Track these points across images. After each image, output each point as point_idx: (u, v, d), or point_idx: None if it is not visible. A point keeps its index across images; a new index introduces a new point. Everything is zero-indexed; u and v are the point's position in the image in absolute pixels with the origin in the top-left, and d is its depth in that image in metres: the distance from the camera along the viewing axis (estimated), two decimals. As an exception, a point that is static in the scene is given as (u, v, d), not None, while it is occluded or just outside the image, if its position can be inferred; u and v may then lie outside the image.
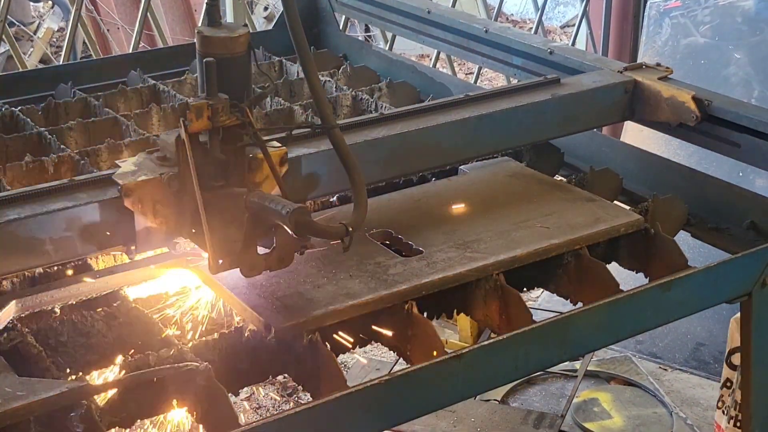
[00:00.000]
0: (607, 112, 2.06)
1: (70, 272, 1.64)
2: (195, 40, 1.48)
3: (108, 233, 1.50)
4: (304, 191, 1.68)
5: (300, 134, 1.68)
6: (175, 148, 1.45)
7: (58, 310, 1.56)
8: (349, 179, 1.51)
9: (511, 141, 1.98)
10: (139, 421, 1.40)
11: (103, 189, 1.50)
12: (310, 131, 1.69)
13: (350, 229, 1.45)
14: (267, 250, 1.47)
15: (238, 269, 1.47)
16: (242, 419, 1.84)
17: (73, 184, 1.51)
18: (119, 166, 1.50)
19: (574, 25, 5.53)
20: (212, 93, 1.42)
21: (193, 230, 1.48)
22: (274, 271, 1.58)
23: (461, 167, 2.00)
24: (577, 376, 3.57)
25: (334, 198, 1.88)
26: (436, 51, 4.31)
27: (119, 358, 1.53)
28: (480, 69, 4.79)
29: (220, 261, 1.45)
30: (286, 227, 1.40)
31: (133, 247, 1.52)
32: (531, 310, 1.61)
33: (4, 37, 3.47)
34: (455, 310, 1.70)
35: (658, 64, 2.13)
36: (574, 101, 1.99)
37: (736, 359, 2.84)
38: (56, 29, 7.03)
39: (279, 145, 1.53)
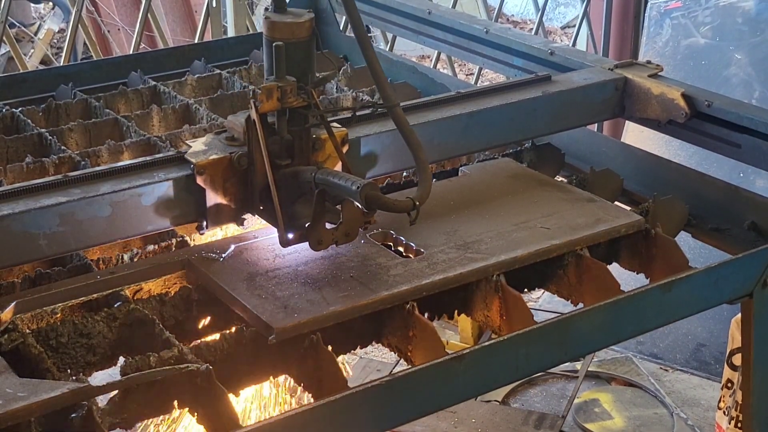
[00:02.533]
0: (597, 109, 2.08)
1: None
2: (262, 26, 1.56)
3: (180, 210, 1.58)
4: (362, 170, 1.75)
5: (341, 119, 1.73)
6: (243, 129, 1.53)
7: (58, 311, 1.56)
8: (413, 155, 1.58)
9: (502, 138, 1.99)
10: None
11: (179, 167, 1.58)
12: (372, 111, 1.75)
13: (417, 203, 1.50)
14: (333, 225, 1.53)
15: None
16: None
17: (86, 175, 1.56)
18: (189, 146, 1.59)
19: (574, 25, 5.53)
20: (281, 75, 1.51)
21: (261, 207, 1.57)
22: (274, 271, 1.58)
23: (462, 168, 2.00)
24: (578, 377, 3.57)
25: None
26: (436, 52, 4.31)
27: (120, 359, 1.53)
28: (480, 70, 4.80)
29: (290, 236, 1.53)
30: (355, 202, 1.47)
31: (204, 223, 1.59)
32: (532, 310, 1.61)
33: (4, 38, 3.47)
34: (456, 311, 1.70)
35: (649, 62, 2.15)
36: (564, 98, 2.01)
37: (737, 360, 2.84)
38: (57, 30, 7.04)
39: (339, 126, 1.62)
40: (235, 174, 1.57)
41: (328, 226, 1.53)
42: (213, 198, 1.58)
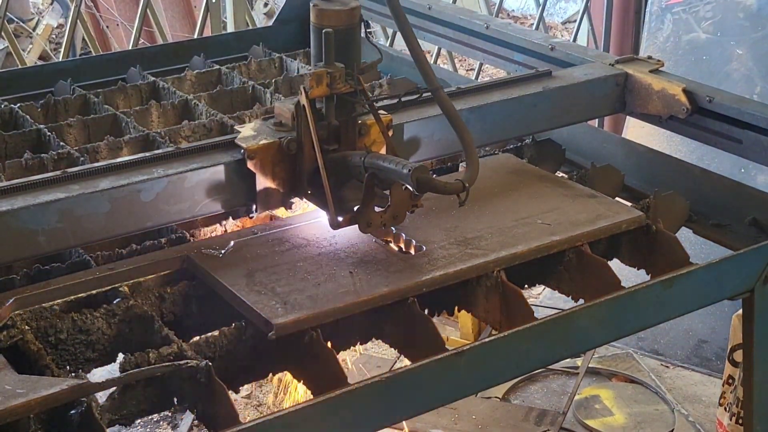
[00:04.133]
0: (598, 105, 2.08)
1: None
2: (310, 13, 1.60)
3: (231, 194, 1.61)
4: (405, 156, 1.77)
5: (388, 105, 1.75)
6: (291, 114, 1.57)
7: (57, 308, 1.55)
8: (459, 137, 1.60)
9: (503, 133, 2.00)
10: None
11: (229, 152, 1.62)
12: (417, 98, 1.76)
13: (467, 184, 1.52)
14: (381, 209, 1.56)
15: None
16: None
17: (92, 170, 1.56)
18: (239, 132, 1.63)
19: (575, 21, 5.52)
20: (330, 61, 1.55)
21: (309, 191, 1.60)
22: (273, 267, 1.57)
23: (462, 164, 2.00)
24: (578, 373, 3.56)
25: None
26: (437, 47, 4.30)
27: (119, 356, 1.53)
28: (481, 65, 4.78)
29: (340, 218, 1.56)
30: (407, 185, 1.50)
31: (254, 207, 1.63)
32: (532, 307, 1.60)
33: (3, 33, 3.46)
34: (456, 307, 1.69)
35: (650, 57, 2.15)
36: (565, 94, 2.01)
37: (738, 356, 2.84)
38: (55, 26, 7.02)
39: (384, 112, 1.66)
40: (284, 158, 1.60)
41: (376, 209, 1.57)
42: (262, 182, 1.62)
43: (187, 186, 1.59)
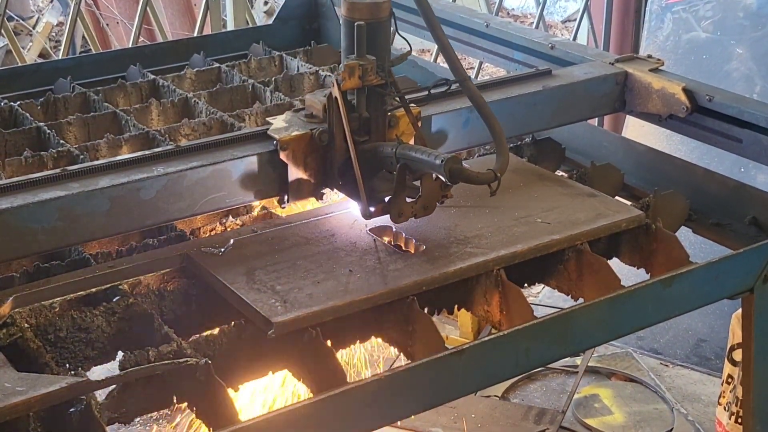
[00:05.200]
0: (598, 104, 2.08)
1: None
2: (341, 6, 1.61)
3: (264, 184, 1.63)
4: (433, 147, 1.77)
5: (418, 97, 1.75)
6: (322, 106, 1.60)
7: (57, 306, 1.55)
8: (488, 127, 1.62)
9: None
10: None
11: (263, 142, 1.64)
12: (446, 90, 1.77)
13: (498, 174, 1.55)
14: (411, 199, 1.58)
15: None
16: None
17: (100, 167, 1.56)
18: (271, 124, 1.65)
19: (575, 19, 5.52)
20: (361, 54, 1.58)
21: (340, 182, 1.63)
22: (273, 266, 1.57)
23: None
24: (577, 372, 3.56)
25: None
26: (436, 45, 4.30)
27: (119, 354, 1.53)
28: (481, 64, 4.78)
29: (372, 209, 1.58)
30: (439, 175, 1.52)
31: (285, 197, 1.65)
32: (532, 305, 1.60)
33: (2, 31, 3.46)
34: (456, 306, 1.69)
35: (649, 56, 2.15)
36: (565, 93, 2.01)
37: (738, 355, 2.84)
38: (55, 24, 7.02)
39: (413, 105, 1.67)
40: (315, 150, 1.62)
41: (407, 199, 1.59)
42: (294, 173, 1.63)
43: (187, 184, 1.58)
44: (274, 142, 1.62)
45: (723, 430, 3.01)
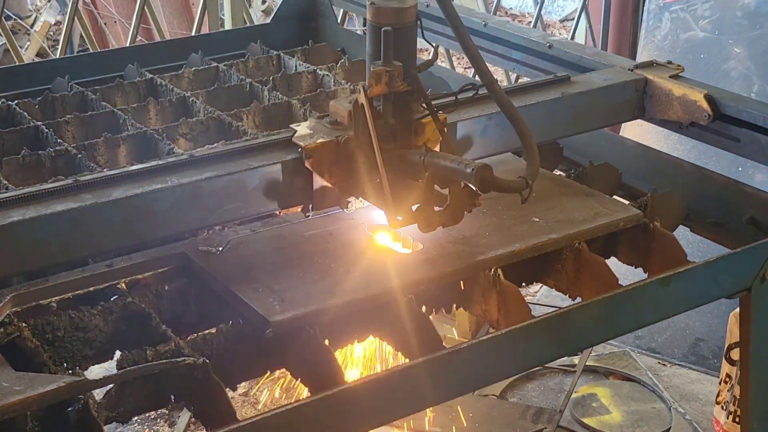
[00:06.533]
0: (617, 111, 2.03)
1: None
2: (366, 11, 1.58)
3: (287, 193, 1.59)
4: (459, 154, 1.73)
5: (444, 103, 1.71)
6: (347, 113, 1.56)
7: (54, 305, 1.55)
8: (517, 132, 1.57)
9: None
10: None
11: (286, 150, 1.59)
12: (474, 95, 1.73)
13: (529, 181, 1.50)
14: (439, 208, 1.54)
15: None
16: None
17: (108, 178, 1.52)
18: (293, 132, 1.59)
19: (573, 19, 5.52)
20: (388, 60, 1.53)
21: (366, 190, 1.58)
22: (270, 265, 1.57)
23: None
24: (575, 372, 3.57)
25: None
26: (434, 45, 4.29)
27: (117, 353, 1.52)
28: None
29: (399, 218, 1.53)
30: (469, 184, 1.48)
31: (310, 206, 1.62)
32: (529, 305, 1.60)
33: (0, 30, 3.46)
34: (454, 305, 1.69)
35: (669, 62, 2.08)
36: (584, 100, 1.95)
37: (735, 354, 2.84)
38: (53, 23, 7.01)
39: (439, 111, 1.63)
40: (341, 157, 1.58)
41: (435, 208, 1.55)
42: (319, 181, 1.59)
43: (202, 194, 1.53)
44: (299, 149, 1.57)
45: (721, 429, 3.01)
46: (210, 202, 1.54)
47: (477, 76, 1.60)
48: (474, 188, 1.49)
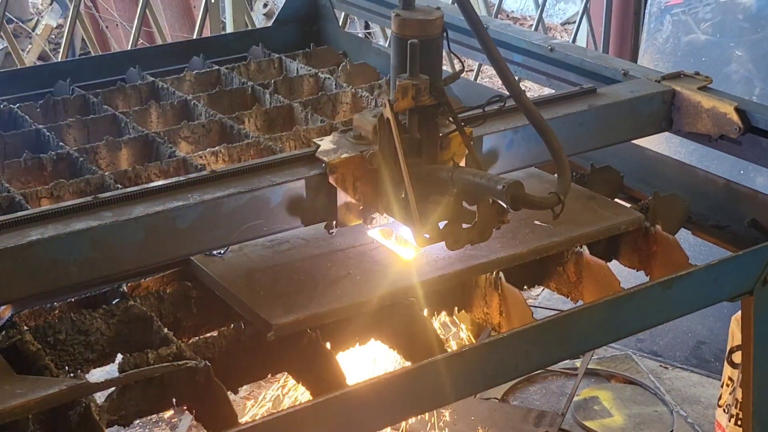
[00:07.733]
0: (644, 123, 1.98)
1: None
2: (391, 23, 1.54)
3: (311, 209, 1.55)
4: (485, 168, 1.70)
5: (471, 116, 1.66)
6: (372, 127, 1.51)
7: (56, 308, 1.55)
8: (547, 145, 1.52)
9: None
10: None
11: (309, 166, 1.55)
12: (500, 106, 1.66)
13: (562, 197, 1.46)
14: (467, 225, 1.50)
15: None
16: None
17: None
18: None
19: (574, 22, 5.53)
20: (414, 73, 1.49)
21: (391, 206, 1.54)
22: (272, 268, 1.57)
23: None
24: (577, 375, 3.56)
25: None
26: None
27: (118, 356, 1.52)
28: (480, 66, 4.78)
29: (426, 235, 1.49)
30: (499, 201, 1.44)
31: (334, 222, 1.57)
32: (531, 308, 1.60)
33: (2, 33, 3.46)
34: (455, 308, 1.69)
35: (697, 73, 2.04)
36: (611, 112, 1.90)
37: (737, 357, 2.83)
38: (55, 26, 7.02)
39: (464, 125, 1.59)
40: (365, 172, 1.53)
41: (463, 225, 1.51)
42: (343, 197, 1.55)
43: (225, 211, 1.49)
44: (323, 164, 1.53)
45: (722, 433, 3.00)
46: (232, 219, 1.48)
47: (503, 86, 1.53)
48: (504, 205, 1.45)
